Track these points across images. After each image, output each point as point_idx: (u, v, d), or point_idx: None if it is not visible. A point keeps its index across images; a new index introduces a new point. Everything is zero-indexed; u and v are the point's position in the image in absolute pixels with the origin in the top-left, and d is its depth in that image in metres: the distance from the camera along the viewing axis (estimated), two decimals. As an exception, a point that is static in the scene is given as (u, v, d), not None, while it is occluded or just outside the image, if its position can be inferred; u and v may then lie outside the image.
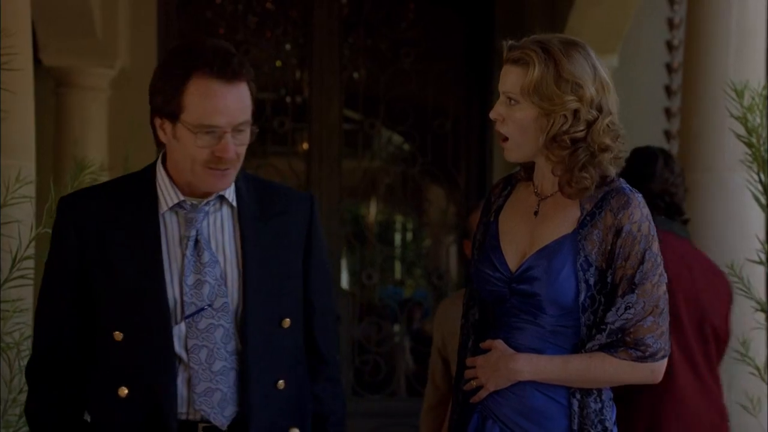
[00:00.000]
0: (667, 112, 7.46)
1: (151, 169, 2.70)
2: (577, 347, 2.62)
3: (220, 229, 2.66)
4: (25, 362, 3.78)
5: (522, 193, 2.74)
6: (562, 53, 2.61)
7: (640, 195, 2.64)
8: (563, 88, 2.60)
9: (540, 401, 2.63)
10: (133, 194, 2.66)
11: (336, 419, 2.79)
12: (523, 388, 2.64)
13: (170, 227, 2.64)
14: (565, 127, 2.60)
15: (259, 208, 2.69)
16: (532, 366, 2.61)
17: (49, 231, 3.62)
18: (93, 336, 2.63)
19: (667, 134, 7.44)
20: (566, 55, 2.61)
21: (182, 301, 2.60)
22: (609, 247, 2.59)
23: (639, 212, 2.60)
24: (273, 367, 2.66)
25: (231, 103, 2.55)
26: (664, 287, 2.62)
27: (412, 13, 7.84)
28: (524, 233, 2.68)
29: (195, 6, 7.68)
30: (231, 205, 2.68)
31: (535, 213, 2.68)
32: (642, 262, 2.59)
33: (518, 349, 2.64)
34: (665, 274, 2.63)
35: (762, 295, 4.30)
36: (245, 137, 2.60)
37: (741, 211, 4.77)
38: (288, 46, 7.79)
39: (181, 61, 2.57)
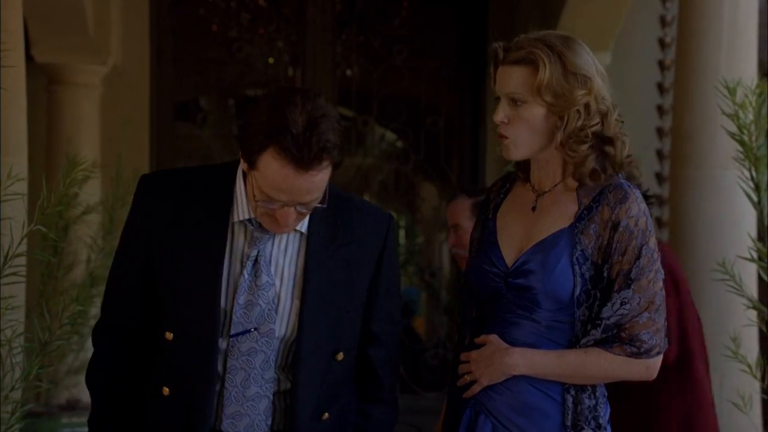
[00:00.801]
0: (660, 110, 7.47)
1: (233, 171, 2.62)
2: (573, 343, 2.62)
3: (284, 252, 2.60)
4: (17, 360, 3.78)
5: (519, 191, 2.74)
6: (565, 47, 2.59)
7: (638, 190, 2.63)
8: (572, 83, 2.58)
9: (534, 397, 2.63)
10: (211, 193, 2.60)
11: None
12: (517, 383, 2.64)
13: (236, 240, 2.59)
14: (580, 123, 2.59)
15: (331, 233, 2.61)
16: (526, 360, 2.61)
17: (42, 228, 3.63)
18: (150, 327, 2.62)
19: (660, 131, 7.45)
20: (570, 49, 2.60)
21: (230, 319, 2.56)
22: (605, 242, 2.59)
23: (636, 207, 2.60)
24: (321, 400, 2.61)
25: (299, 187, 2.47)
26: (660, 283, 2.62)
27: (405, 11, 7.84)
28: (521, 229, 2.67)
29: (187, 3, 7.67)
30: (301, 232, 2.61)
31: (533, 209, 2.68)
32: (638, 257, 2.58)
33: (514, 344, 2.64)
34: (662, 270, 2.63)
35: (754, 293, 4.31)
36: (313, 205, 2.53)
37: (733, 209, 4.78)
38: (281, 44, 7.79)
39: (270, 121, 2.46)
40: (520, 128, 2.63)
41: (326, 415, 2.61)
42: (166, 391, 2.58)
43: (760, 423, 4.70)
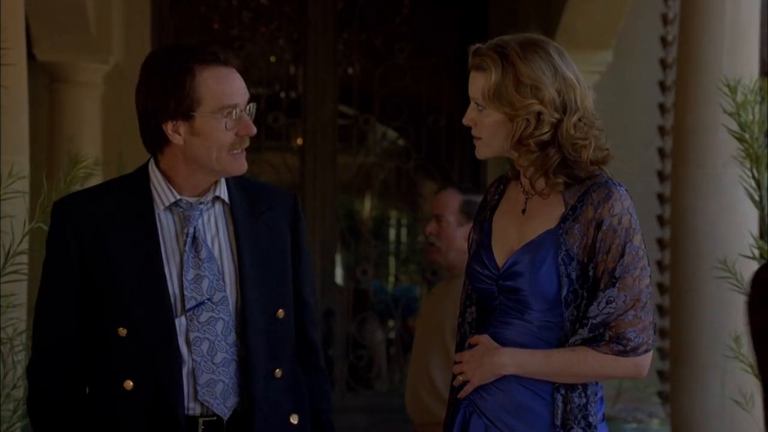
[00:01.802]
0: (661, 108, 7.46)
1: (143, 171, 2.77)
2: (564, 342, 2.63)
3: (215, 226, 2.74)
4: (18, 358, 3.79)
5: (513, 192, 2.75)
6: (519, 57, 2.61)
7: (624, 188, 2.64)
8: (523, 92, 2.61)
9: (524, 396, 2.64)
10: (128, 195, 2.73)
11: (327, 406, 2.88)
12: (508, 383, 2.64)
13: (166, 225, 2.71)
14: (528, 131, 2.61)
15: (249, 205, 2.77)
16: (514, 360, 2.62)
17: (43, 226, 3.63)
18: (95, 333, 2.69)
19: (661, 130, 7.45)
20: (523, 59, 2.61)
21: (182, 296, 2.67)
22: (590, 241, 2.60)
23: (620, 205, 2.61)
24: (271, 357, 2.73)
25: (239, 84, 2.70)
26: (647, 281, 2.62)
27: (406, 9, 7.84)
28: (513, 231, 2.69)
29: (189, 1, 7.67)
30: (224, 202, 2.76)
31: (523, 211, 2.69)
32: (622, 255, 2.59)
33: (506, 344, 2.65)
34: (648, 268, 2.63)
35: (755, 291, 4.30)
36: (251, 115, 2.73)
37: (734, 207, 4.77)
38: (282, 42, 7.79)
39: (178, 61, 2.69)
40: (484, 132, 2.68)
41: (278, 372, 2.74)
42: (129, 384, 2.65)
43: (762, 421, 4.69)
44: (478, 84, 2.66)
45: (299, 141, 7.72)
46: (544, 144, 2.62)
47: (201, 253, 2.69)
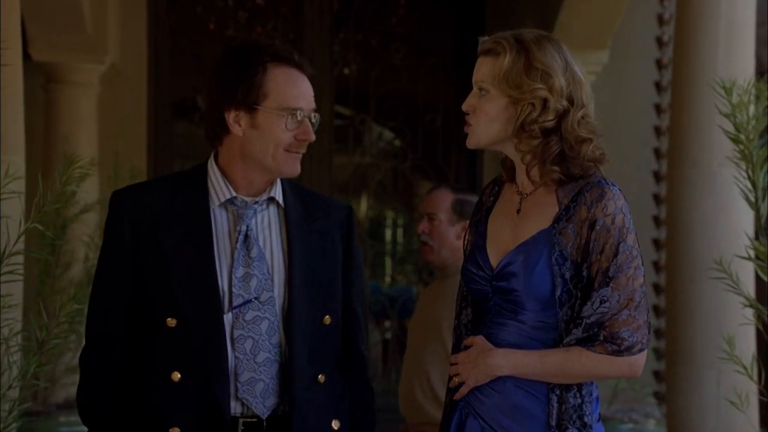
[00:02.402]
0: (657, 108, 7.47)
1: (202, 167, 2.80)
2: (559, 343, 2.63)
3: (268, 227, 2.76)
4: (14, 358, 3.78)
5: (507, 194, 2.75)
6: (534, 43, 2.64)
7: (617, 187, 2.64)
8: (532, 76, 2.61)
9: (520, 397, 2.63)
10: (185, 189, 2.75)
11: (368, 418, 2.88)
12: (503, 384, 2.64)
13: (220, 222, 2.73)
14: (533, 116, 2.62)
15: (303, 210, 2.80)
16: (508, 361, 2.62)
17: (38, 226, 3.63)
18: (145, 324, 2.70)
19: (657, 130, 7.46)
20: (537, 45, 2.64)
21: (231, 293, 2.68)
22: (584, 241, 2.60)
23: (613, 204, 2.61)
24: (314, 361, 2.73)
25: (307, 89, 2.76)
26: (641, 280, 2.62)
27: (402, 9, 7.84)
28: (507, 232, 2.69)
29: (185, 1, 7.67)
30: (279, 205, 2.79)
31: (518, 211, 2.69)
32: (616, 254, 2.59)
33: (501, 345, 2.65)
34: (642, 267, 2.63)
35: (750, 291, 4.31)
36: (317, 121, 2.79)
37: (729, 207, 4.78)
38: (278, 42, 7.78)
39: (253, 55, 2.74)
40: (481, 117, 2.67)
41: (322, 377, 2.75)
42: (176, 376, 2.66)
43: (757, 421, 4.71)
44: (486, 67, 2.66)
45: (295, 141, 7.71)
46: (547, 131, 2.63)
47: (252, 252, 2.70)
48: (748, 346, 4.51)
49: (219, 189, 2.74)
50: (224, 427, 2.65)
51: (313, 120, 2.77)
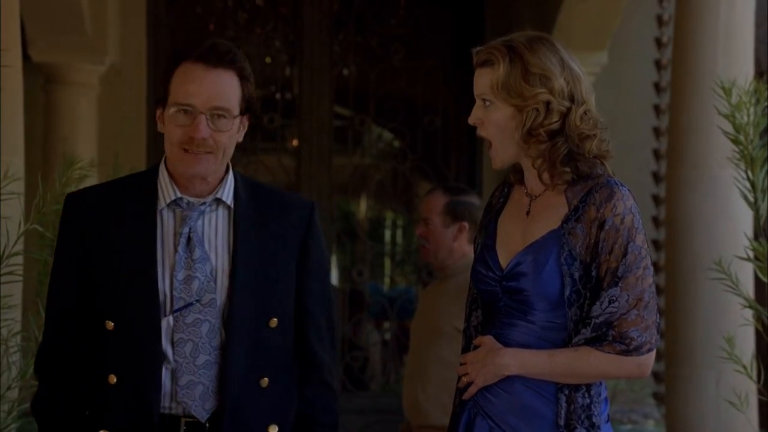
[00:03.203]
0: (656, 109, 7.47)
1: (155, 168, 2.79)
2: (568, 342, 2.63)
3: (215, 229, 2.73)
4: (13, 359, 3.78)
5: (517, 196, 2.76)
6: (526, 48, 2.64)
7: (627, 188, 2.64)
8: (531, 82, 2.62)
9: (528, 397, 2.63)
10: (136, 191, 2.75)
11: (327, 420, 2.82)
12: (511, 384, 2.64)
13: (166, 224, 2.71)
14: (538, 120, 2.62)
15: (256, 211, 2.75)
16: (517, 360, 2.62)
17: (38, 227, 3.63)
18: (89, 327, 2.71)
19: (656, 131, 7.46)
20: (530, 49, 2.64)
21: (172, 296, 2.67)
22: (593, 241, 2.60)
23: (622, 204, 2.61)
24: (257, 364, 2.71)
25: (208, 85, 2.65)
26: (650, 280, 2.62)
27: (402, 10, 7.84)
28: (517, 233, 2.69)
29: (185, 2, 7.67)
30: (228, 207, 2.75)
31: (527, 213, 2.70)
32: (625, 254, 2.59)
33: (510, 345, 2.65)
34: (651, 267, 2.63)
35: (750, 292, 4.31)
36: (225, 124, 2.67)
37: (729, 208, 4.78)
38: (278, 43, 7.79)
39: (178, 52, 2.72)
40: (492, 129, 2.68)
41: (265, 380, 2.71)
42: (112, 379, 2.67)
43: (756, 421, 4.71)
44: (485, 79, 2.67)
45: (295, 142, 7.72)
46: (553, 133, 2.63)
47: (194, 254, 2.68)
48: (747, 346, 4.51)
49: (166, 190, 2.72)
50: (152, 431, 2.63)
51: (219, 117, 2.65)
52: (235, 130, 2.70)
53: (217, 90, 2.66)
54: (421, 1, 7.97)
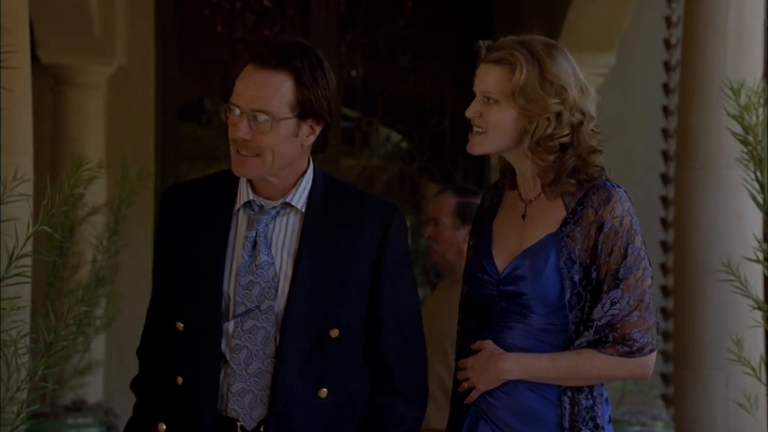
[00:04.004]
0: (665, 110, 7.46)
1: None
2: (567, 344, 2.63)
3: (284, 233, 2.67)
4: (22, 360, 3.78)
5: (510, 198, 2.75)
6: (546, 54, 2.61)
7: (623, 189, 2.64)
8: (548, 91, 2.60)
9: (531, 400, 2.64)
10: (221, 190, 2.70)
11: (395, 429, 2.70)
12: (514, 388, 2.64)
13: (240, 226, 2.68)
14: (549, 131, 2.61)
15: (330, 215, 2.67)
16: (520, 365, 2.62)
17: (47, 228, 3.63)
18: (165, 325, 2.71)
19: (665, 132, 7.45)
20: (550, 57, 2.61)
21: (234, 300, 2.64)
22: (592, 243, 2.60)
23: (620, 206, 2.61)
24: (314, 374, 2.64)
25: (252, 86, 2.60)
26: (649, 281, 2.62)
27: (409, 11, 7.85)
28: (513, 237, 2.69)
29: (192, 3, 7.68)
30: (300, 212, 2.68)
31: (523, 216, 2.69)
32: (625, 256, 2.59)
33: (509, 348, 2.65)
34: (650, 268, 2.63)
35: (759, 294, 4.31)
36: (265, 126, 2.60)
37: (738, 209, 4.77)
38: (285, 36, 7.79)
39: (243, 56, 2.68)
40: (490, 126, 2.66)
41: (324, 391, 2.64)
42: (179, 380, 2.66)
43: (765, 423, 4.70)
44: (496, 78, 2.63)
45: (302, 143, 7.72)
46: (563, 146, 2.62)
47: (258, 259, 2.63)
48: (756, 348, 4.50)
49: (242, 191, 2.68)
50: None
51: (258, 120, 2.59)
52: (285, 133, 2.61)
53: (260, 91, 2.60)
54: (428, 1, 7.97)
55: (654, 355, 2.64)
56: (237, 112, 2.60)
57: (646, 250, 2.64)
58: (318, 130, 2.66)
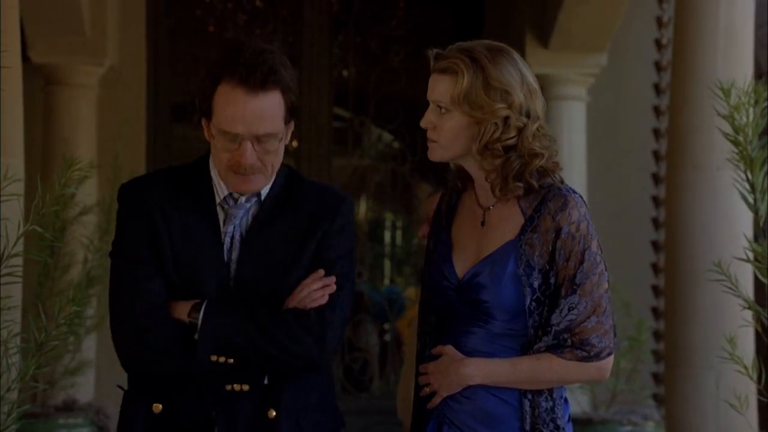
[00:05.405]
0: (656, 110, 7.48)
1: (204, 162, 2.74)
2: (526, 348, 2.65)
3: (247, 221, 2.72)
4: (13, 360, 3.78)
5: (467, 203, 2.76)
6: (489, 60, 2.62)
7: (579, 195, 2.66)
8: (492, 96, 2.61)
9: (492, 404, 2.66)
10: (193, 183, 2.71)
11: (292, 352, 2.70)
12: (475, 392, 2.67)
13: (220, 220, 2.71)
14: (496, 135, 2.62)
15: (283, 199, 2.72)
16: (481, 370, 2.65)
17: (37, 228, 3.62)
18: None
19: (656, 132, 7.46)
20: (493, 62, 2.62)
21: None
22: (550, 248, 2.62)
23: (577, 212, 2.63)
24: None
25: (252, 113, 2.59)
26: (605, 285, 2.65)
27: (401, 11, 7.85)
28: (473, 243, 2.71)
29: (184, 3, 7.67)
30: (259, 200, 2.73)
31: (482, 223, 2.70)
32: (582, 261, 2.61)
33: (469, 352, 2.67)
34: (606, 273, 2.65)
35: (749, 293, 4.31)
36: (271, 146, 2.63)
37: (729, 209, 4.78)
38: (277, 44, 7.80)
39: (217, 64, 2.63)
40: (443, 135, 2.68)
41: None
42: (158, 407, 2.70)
43: (756, 423, 4.71)
44: (443, 87, 2.66)
45: (294, 143, 7.73)
46: (508, 148, 2.63)
47: (233, 255, 2.69)
48: (747, 348, 4.51)
49: (218, 186, 2.70)
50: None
51: (265, 141, 2.60)
52: (282, 143, 2.66)
53: (262, 116, 2.60)
54: (420, 2, 7.98)
55: (611, 358, 2.67)
56: (237, 138, 2.59)
57: (602, 255, 2.66)
58: (292, 128, 2.70)
